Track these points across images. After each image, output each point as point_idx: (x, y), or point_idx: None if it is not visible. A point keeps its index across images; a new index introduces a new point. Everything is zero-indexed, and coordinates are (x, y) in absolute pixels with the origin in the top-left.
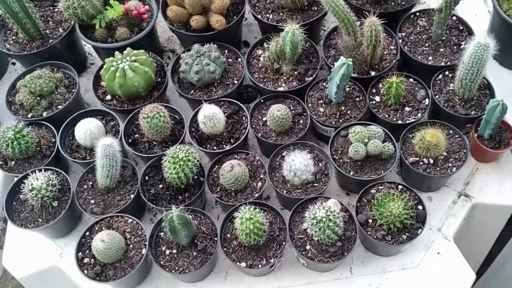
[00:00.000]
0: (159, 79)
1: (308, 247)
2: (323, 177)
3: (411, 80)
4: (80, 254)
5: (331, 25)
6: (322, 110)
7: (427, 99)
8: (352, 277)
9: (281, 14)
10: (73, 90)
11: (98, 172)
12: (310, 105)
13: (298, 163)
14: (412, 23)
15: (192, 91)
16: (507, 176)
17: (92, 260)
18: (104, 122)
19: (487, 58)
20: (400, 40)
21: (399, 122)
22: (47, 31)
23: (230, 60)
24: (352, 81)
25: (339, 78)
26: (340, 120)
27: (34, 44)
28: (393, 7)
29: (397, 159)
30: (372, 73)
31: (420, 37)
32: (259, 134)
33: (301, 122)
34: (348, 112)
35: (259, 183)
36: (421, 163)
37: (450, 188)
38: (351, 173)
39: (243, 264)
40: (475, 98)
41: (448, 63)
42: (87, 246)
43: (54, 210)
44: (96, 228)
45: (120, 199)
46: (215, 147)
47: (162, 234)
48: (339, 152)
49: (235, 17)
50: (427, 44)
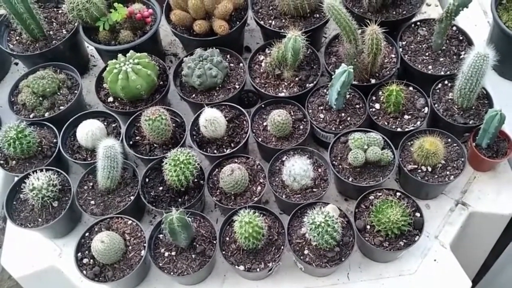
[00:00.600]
0: (161, 82)
1: (306, 252)
2: (322, 182)
3: (411, 88)
4: (79, 254)
5: (333, 32)
6: (322, 116)
7: (426, 108)
8: (349, 282)
9: (283, 21)
10: (75, 91)
11: (99, 173)
12: (310, 111)
13: (297, 168)
14: (412, 32)
15: (193, 95)
16: (504, 186)
17: (91, 260)
18: (105, 124)
19: (486, 69)
20: (401, 49)
21: (398, 129)
22: (51, 32)
23: (232, 65)
24: (353, 88)
25: (340, 85)
26: (340, 127)
27: (37, 45)
28: (394, 16)
29: (395, 166)
30: (373, 80)
31: (420, 46)
32: (260, 139)
33: (301, 127)
34: (348, 118)
35: (259, 187)
36: (419, 170)
37: (447, 196)
38: (350, 179)
39: (241, 267)
40: (473, 108)
41: (448, 72)
42: (86, 246)
43: (54, 210)
44: (96, 229)
45: (120, 200)
46: (215, 151)
47: (161, 236)
48: (339, 158)
49: (238, 22)
50: (427, 53)
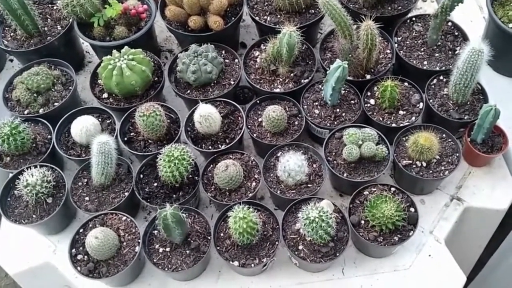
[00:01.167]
0: (156, 78)
1: (300, 247)
2: (317, 178)
3: (406, 84)
4: (73, 250)
5: (328, 28)
6: (317, 112)
7: (421, 103)
8: (344, 277)
9: (278, 16)
10: (70, 88)
11: (93, 169)
12: (305, 106)
13: (292, 164)
14: (408, 28)
15: (188, 91)
16: (499, 181)
17: (86, 257)
18: (100, 120)
19: (481, 64)
20: (396, 44)
21: (393, 125)
22: (46, 29)
23: (227, 60)
24: (348, 84)
25: (335, 80)
26: (335, 122)
27: (32, 41)
28: (389, 11)
29: (390, 161)
30: (368, 76)
31: (415, 41)
32: (255, 135)
33: (296, 123)
34: (343, 114)
35: (253, 183)
36: (414, 166)
37: (442, 192)
38: (345, 174)
39: (236, 263)
40: (468, 103)
41: (443, 68)
42: (80, 243)
43: (49, 206)
44: (90, 225)
45: (115, 196)
46: (210, 147)
47: (156, 232)
48: (333, 153)
49: (233, 18)
50: (422, 49)
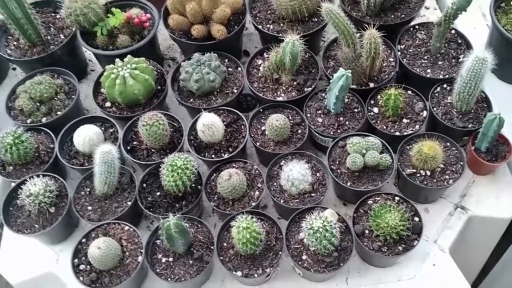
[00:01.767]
0: (159, 87)
1: (304, 257)
2: (321, 187)
3: (410, 92)
4: (76, 260)
5: (331, 36)
6: (320, 120)
7: (425, 111)
8: (348, 287)
9: (281, 25)
10: (73, 97)
11: (96, 178)
12: (308, 115)
13: (295, 173)
14: (411, 36)
15: (191, 100)
16: (503, 189)
17: (88, 267)
18: (103, 129)
19: (485, 72)
20: (399, 53)
21: (397, 133)
22: (49, 37)
23: (230, 69)
24: (351, 92)
25: (338, 89)
26: (338, 131)
27: (35, 50)
28: (392, 19)
29: (394, 170)
30: (371, 84)
31: (419, 49)
32: (258, 143)
33: (299, 132)
34: (346, 123)
35: (257, 192)
36: (418, 175)
37: (446, 200)
38: (348, 183)
39: (239, 273)
40: (472, 111)
41: (447, 76)
42: (83, 252)
43: (51, 216)
44: (93, 235)
45: (117, 206)
46: (213, 156)
47: (159, 242)
48: (337, 162)
49: (236, 27)
50: (425, 57)
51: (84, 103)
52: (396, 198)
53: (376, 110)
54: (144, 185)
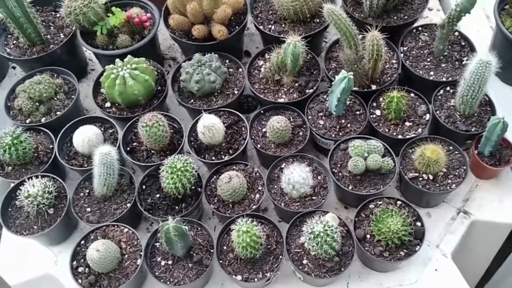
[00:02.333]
0: (159, 88)
1: (305, 262)
2: (322, 190)
3: (412, 95)
4: (74, 263)
5: (333, 37)
6: (322, 122)
7: (427, 115)
8: None
9: (283, 26)
10: (72, 97)
11: (95, 180)
12: (310, 117)
13: (296, 176)
14: (414, 38)
15: (192, 100)
16: (506, 194)
17: (87, 269)
18: (102, 130)
19: (489, 76)
20: (402, 55)
21: (399, 137)
22: (48, 37)
23: (231, 70)
24: (353, 94)
25: (340, 91)
26: (340, 133)
27: (34, 49)
28: (395, 21)
29: (396, 174)
30: (373, 87)
31: (422, 51)
32: (258, 145)
33: (300, 134)
34: (348, 125)
35: (257, 195)
36: (420, 179)
37: (449, 205)
38: (350, 187)
39: (239, 277)
40: (476, 115)
41: (450, 78)
42: (82, 255)
43: (50, 217)
44: (92, 237)
45: (117, 207)
46: (213, 157)
47: (158, 244)
48: (338, 165)
49: (237, 27)
50: (428, 59)
51: (83, 103)
52: (398, 203)
53: (378, 112)
54: (144, 186)
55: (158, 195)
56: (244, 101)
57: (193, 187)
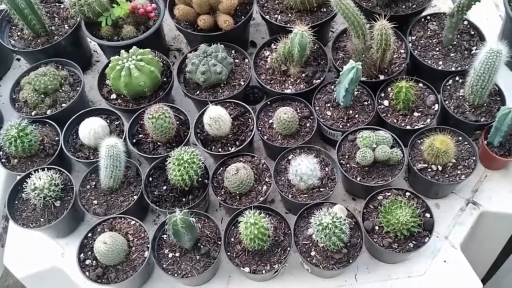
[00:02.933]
0: (165, 79)
1: (313, 253)
2: (330, 182)
3: (421, 85)
4: (82, 255)
5: (340, 26)
6: (329, 113)
7: (436, 105)
8: (356, 284)
9: (289, 15)
10: (77, 88)
11: (101, 172)
12: (317, 108)
13: (304, 168)
14: (422, 27)
15: (198, 92)
16: None
17: (94, 262)
18: (108, 122)
19: (499, 65)
20: (410, 44)
21: (408, 127)
22: (53, 28)
23: (237, 60)
24: (361, 84)
25: (348, 82)
26: (348, 124)
27: (39, 40)
28: (403, 10)
29: (405, 165)
30: (381, 77)
31: (430, 41)
32: (265, 137)
33: (307, 125)
34: (356, 116)
35: (264, 187)
36: (429, 169)
37: (458, 196)
38: (358, 178)
39: (247, 269)
40: (485, 105)
41: (459, 68)
42: (89, 247)
43: (57, 210)
44: (99, 229)
45: (123, 200)
46: (220, 149)
47: (165, 236)
48: (346, 157)
49: (243, 17)
50: (437, 49)
51: (89, 95)
52: (407, 194)
53: (386, 103)
54: (150, 179)
55: (165, 187)
56: (251, 92)
57: (200, 179)
